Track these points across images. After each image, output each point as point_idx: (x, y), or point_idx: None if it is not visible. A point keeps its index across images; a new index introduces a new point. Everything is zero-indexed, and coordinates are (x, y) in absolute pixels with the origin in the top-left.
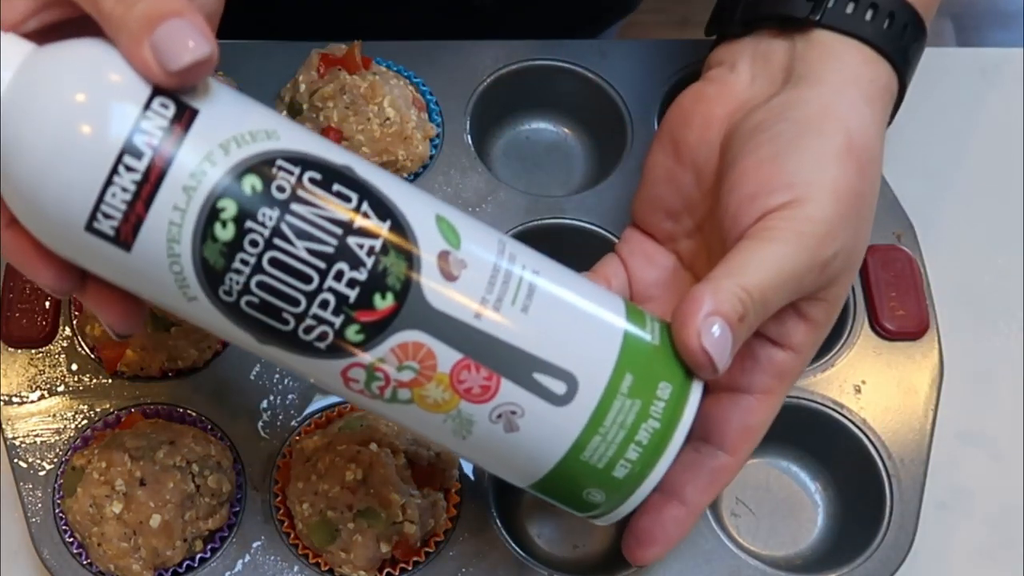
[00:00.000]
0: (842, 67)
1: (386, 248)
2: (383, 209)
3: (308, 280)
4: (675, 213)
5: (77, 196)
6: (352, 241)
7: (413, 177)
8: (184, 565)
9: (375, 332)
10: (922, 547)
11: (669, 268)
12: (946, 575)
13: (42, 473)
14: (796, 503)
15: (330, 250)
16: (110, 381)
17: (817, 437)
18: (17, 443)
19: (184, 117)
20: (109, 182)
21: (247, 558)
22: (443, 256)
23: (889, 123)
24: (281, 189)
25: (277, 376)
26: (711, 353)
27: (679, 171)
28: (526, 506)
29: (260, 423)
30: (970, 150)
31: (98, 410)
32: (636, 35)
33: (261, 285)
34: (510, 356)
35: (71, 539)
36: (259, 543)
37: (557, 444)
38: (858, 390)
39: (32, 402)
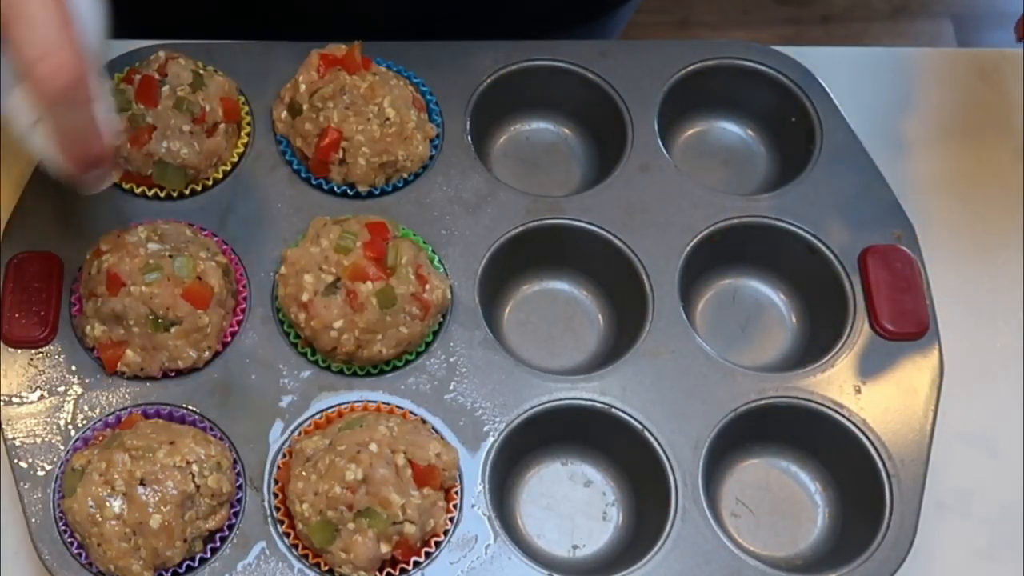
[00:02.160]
0: None
1: None
2: None
3: None
4: None
5: None
6: None
7: (413, 177)
8: (184, 565)
9: None
10: (922, 547)
11: None
12: (946, 575)
13: (42, 473)
14: (796, 503)
15: None
16: (110, 381)
17: (817, 437)
18: (17, 443)
19: None
20: None
21: (247, 558)
22: None
23: None
24: None
25: (277, 376)
26: None
27: None
28: (526, 506)
29: (260, 423)
30: (970, 150)
31: (98, 410)
32: (636, 35)
33: None
34: None
35: (71, 539)
36: (259, 543)
37: None
38: (858, 390)
39: (32, 402)
